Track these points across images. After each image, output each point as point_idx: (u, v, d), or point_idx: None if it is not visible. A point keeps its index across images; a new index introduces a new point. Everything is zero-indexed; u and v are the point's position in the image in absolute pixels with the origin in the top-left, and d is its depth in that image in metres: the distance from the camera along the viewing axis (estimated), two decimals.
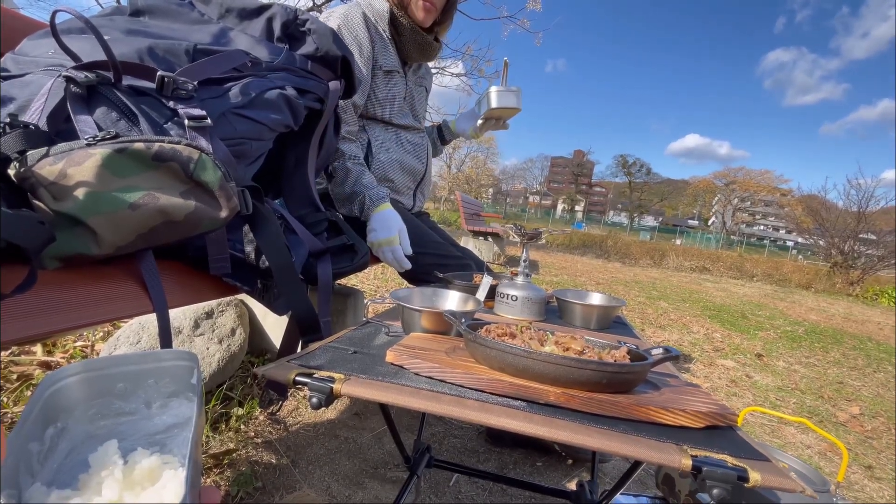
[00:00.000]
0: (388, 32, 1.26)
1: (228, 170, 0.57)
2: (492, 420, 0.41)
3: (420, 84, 1.43)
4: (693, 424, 0.45)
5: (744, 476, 0.37)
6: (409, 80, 1.35)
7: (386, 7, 1.24)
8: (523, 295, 0.90)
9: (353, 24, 1.18)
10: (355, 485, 1.01)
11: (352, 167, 1.15)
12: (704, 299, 4.99)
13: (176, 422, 0.42)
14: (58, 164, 0.47)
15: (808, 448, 1.52)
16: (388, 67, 1.25)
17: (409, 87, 1.36)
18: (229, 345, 1.29)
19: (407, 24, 1.24)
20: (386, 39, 1.25)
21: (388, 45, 1.25)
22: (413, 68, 1.38)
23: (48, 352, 1.26)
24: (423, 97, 1.47)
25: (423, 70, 1.45)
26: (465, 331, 0.54)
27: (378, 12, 1.24)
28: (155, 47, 0.65)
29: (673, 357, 0.51)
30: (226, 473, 0.97)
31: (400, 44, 1.28)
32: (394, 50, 1.27)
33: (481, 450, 1.22)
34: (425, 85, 1.46)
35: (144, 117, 0.56)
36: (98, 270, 0.54)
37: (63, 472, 0.35)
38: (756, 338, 3.21)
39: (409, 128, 1.35)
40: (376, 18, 1.24)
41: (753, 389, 2.06)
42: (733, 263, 10.80)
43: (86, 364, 0.41)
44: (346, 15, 1.19)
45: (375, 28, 1.23)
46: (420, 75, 1.43)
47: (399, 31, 1.26)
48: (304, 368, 0.48)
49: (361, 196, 1.13)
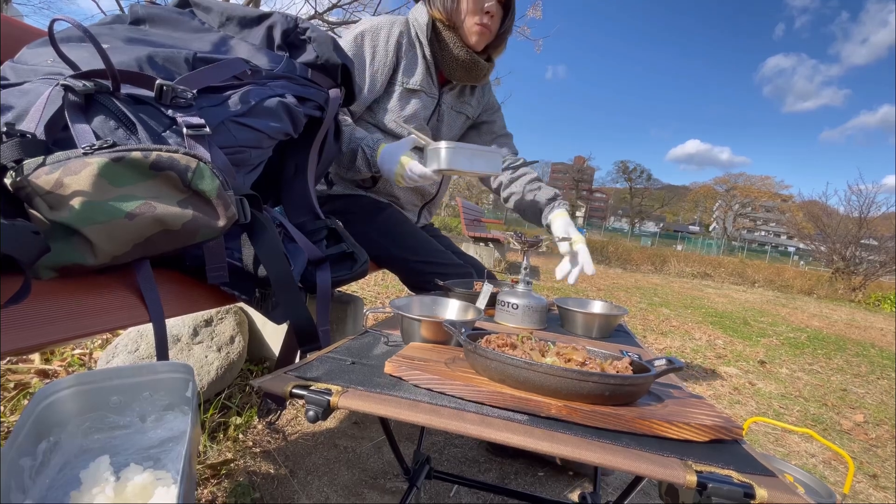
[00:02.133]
0: (428, 49, 1.21)
1: (227, 178, 0.56)
2: (492, 434, 0.40)
3: (459, 110, 1.35)
4: (697, 438, 0.44)
5: (750, 492, 0.36)
6: (443, 101, 1.29)
7: (426, 21, 1.19)
8: (524, 303, 0.90)
9: (377, 34, 1.16)
10: (354, 496, 0.99)
11: (343, 129, 1.10)
12: (706, 305, 4.97)
13: (171, 435, 0.41)
14: (54, 174, 0.47)
15: (813, 457, 1.50)
16: (412, 86, 1.21)
17: (442, 109, 1.30)
18: (228, 353, 1.28)
19: (453, 42, 1.19)
20: (419, 56, 1.21)
21: (418, 63, 1.21)
22: (456, 91, 1.31)
23: (46, 360, 1.25)
24: (458, 123, 1.38)
25: (471, 96, 1.36)
26: (465, 341, 0.53)
27: (420, 25, 1.20)
28: (154, 56, 0.65)
29: (676, 368, 0.50)
30: (223, 484, 0.95)
31: (442, 60, 1.22)
32: (425, 68, 1.22)
33: (482, 460, 1.20)
34: (466, 112, 1.37)
35: (143, 126, 0.56)
36: (94, 280, 0.54)
37: (55, 488, 0.34)
38: (759, 344, 3.19)
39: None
40: (417, 32, 1.20)
41: (757, 397, 2.05)
42: (735, 269, 10.78)
43: (79, 377, 0.41)
44: (378, 26, 1.16)
45: (411, 44, 1.19)
46: (464, 100, 1.35)
47: (442, 48, 1.20)
48: (301, 380, 0.47)
49: (359, 150, 1.10)
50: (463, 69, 1.23)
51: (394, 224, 1.25)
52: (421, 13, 1.22)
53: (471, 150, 1.07)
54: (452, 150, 1.03)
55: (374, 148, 1.10)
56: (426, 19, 1.20)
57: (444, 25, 1.19)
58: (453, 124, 1.37)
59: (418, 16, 1.21)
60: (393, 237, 1.22)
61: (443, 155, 1.03)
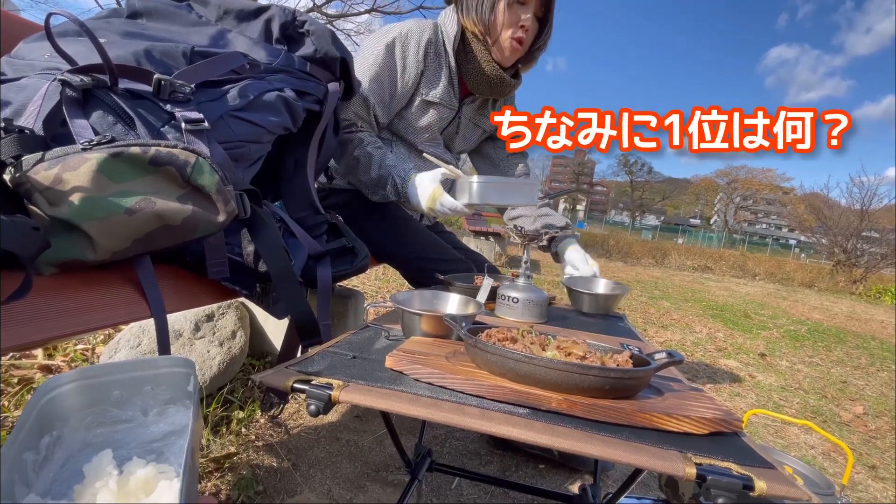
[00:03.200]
0: (453, 60, 1.17)
1: (226, 173, 0.56)
2: (493, 428, 0.40)
3: (477, 123, 1.32)
4: (697, 431, 0.44)
5: (749, 485, 0.36)
6: (462, 113, 1.26)
7: (455, 32, 1.15)
8: (524, 297, 0.90)
9: (407, 43, 1.12)
10: (356, 488, 1.00)
11: (373, 152, 1.09)
12: (707, 298, 4.98)
13: (173, 429, 0.41)
14: (53, 169, 0.47)
15: (812, 448, 1.51)
16: (431, 98, 1.17)
17: (460, 120, 1.26)
18: (230, 347, 1.28)
19: (481, 55, 1.15)
20: (443, 67, 1.17)
21: (440, 75, 1.17)
22: (477, 104, 1.28)
23: (49, 355, 1.26)
24: (475, 136, 1.35)
25: (492, 110, 1.32)
26: (466, 335, 0.53)
27: (448, 36, 1.16)
28: (152, 50, 0.65)
29: (676, 362, 0.50)
30: (226, 477, 0.96)
31: (466, 73, 1.19)
32: (447, 81, 1.18)
33: (483, 452, 1.21)
34: (484, 126, 1.34)
35: (141, 121, 0.56)
36: (95, 276, 0.54)
37: (59, 482, 0.34)
38: (759, 337, 3.20)
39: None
40: (445, 41, 1.16)
41: (756, 389, 2.05)
42: (736, 262, 10.77)
43: (81, 372, 0.41)
44: (408, 34, 1.12)
45: (437, 53, 1.16)
46: (483, 113, 1.31)
47: (468, 60, 1.17)
48: (302, 375, 0.47)
49: (390, 178, 1.08)
50: (487, 84, 1.19)
51: (394, 218, 1.24)
52: (451, 21, 1.16)
53: (503, 184, 1.04)
54: (484, 184, 1.00)
55: (405, 178, 1.08)
56: (456, 29, 1.15)
57: (475, 38, 1.15)
58: (469, 136, 1.34)
59: (448, 24, 1.17)
60: (393, 232, 1.22)
61: (475, 189, 1.00)
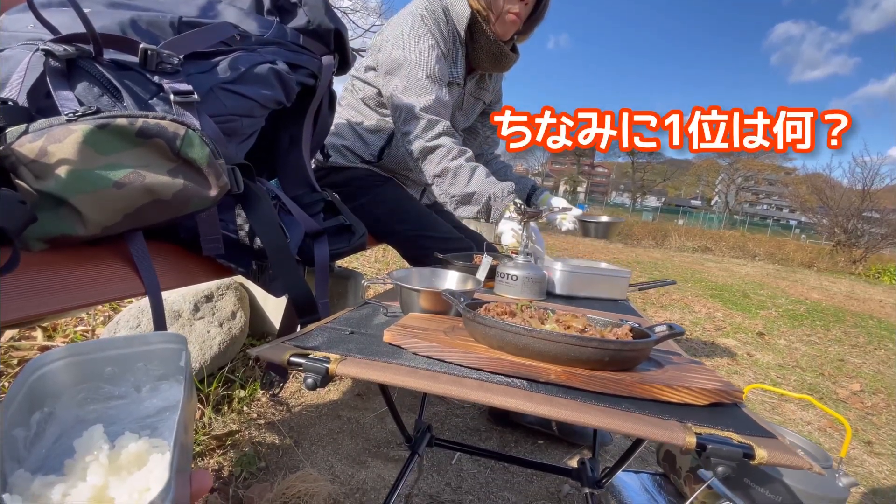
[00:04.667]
0: (464, 39, 1.19)
1: (217, 147, 0.55)
2: (491, 399, 0.40)
3: (477, 96, 1.35)
4: (697, 402, 0.44)
5: (749, 453, 0.36)
6: (466, 89, 1.28)
7: (468, 13, 1.16)
8: (523, 275, 0.89)
9: (436, 16, 1.13)
10: (358, 464, 1.01)
11: (465, 163, 1.08)
12: (706, 279, 4.99)
13: (167, 405, 0.41)
14: (38, 142, 0.45)
15: (809, 424, 1.53)
16: (452, 79, 1.19)
17: (465, 97, 1.29)
18: (230, 328, 1.28)
19: (487, 31, 1.17)
20: (459, 47, 1.19)
21: (458, 54, 1.19)
22: (476, 79, 1.31)
23: (48, 336, 1.26)
24: (476, 110, 1.39)
25: (489, 82, 1.36)
26: (464, 310, 0.52)
27: (458, 16, 1.17)
28: (138, 20, 0.62)
29: (677, 333, 0.49)
30: (229, 454, 0.97)
31: (472, 51, 1.22)
32: (463, 59, 1.21)
33: (483, 429, 1.22)
34: (483, 98, 1.38)
35: (128, 92, 0.54)
36: (86, 252, 0.53)
37: (51, 458, 0.34)
38: (757, 317, 3.21)
39: None
40: (456, 22, 1.17)
41: (754, 367, 2.07)
42: (736, 243, 10.76)
43: (71, 348, 0.40)
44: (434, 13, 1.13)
45: (454, 33, 1.17)
46: (482, 87, 1.35)
47: (475, 39, 1.19)
48: (300, 349, 0.47)
49: (481, 199, 1.07)
50: (492, 60, 1.22)
51: (393, 197, 1.23)
52: (461, 5, 1.17)
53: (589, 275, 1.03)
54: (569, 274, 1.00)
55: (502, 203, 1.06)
56: (468, 12, 1.16)
57: (479, 15, 1.16)
58: (471, 111, 1.37)
59: (458, 7, 1.17)
60: (392, 210, 1.21)
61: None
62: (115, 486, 0.29)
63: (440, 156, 1.08)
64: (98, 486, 0.29)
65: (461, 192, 1.08)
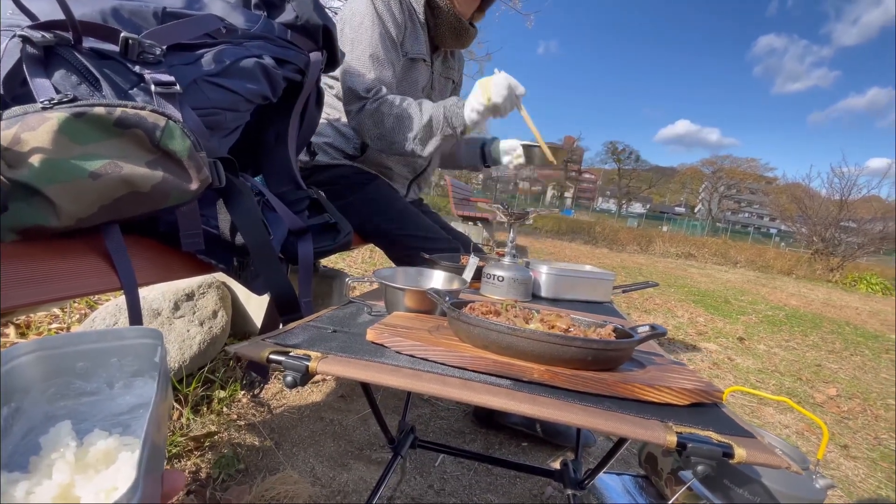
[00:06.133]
0: (424, 16, 1.20)
1: (199, 139, 0.54)
2: (474, 398, 0.40)
3: (446, 75, 1.37)
4: (678, 402, 0.44)
5: (729, 452, 0.36)
6: (434, 68, 1.30)
7: None
8: (509, 276, 0.89)
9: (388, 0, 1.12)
10: (340, 466, 1.00)
11: (411, 103, 1.07)
12: (689, 285, 5.06)
13: (140, 402, 0.40)
14: (11, 129, 0.44)
15: (787, 428, 1.56)
16: (414, 55, 1.19)
17: (434, 76, 1.30)
18: (211, 327, 1.26)
19: (446, 8, 1.18)
20: (419, 25, 1.19)
21: (419, 32, 1.20)
22: (442, 57, 1.32)
23: (21, 334, 1.22)
24: (447, 89, 1.40)
25: (453, 60, 1.38)
26: (449, 308, 0.52)
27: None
28: (120, 8, 0.61)
29: (659, 334, 0.50)
30: (207, 456, 0.95)
31: (434, 29, 1.22)
32: (425, 37, 1.22)
33: (467, 430, 1.22)
34: (452, 77, 1.39)
35: (107, 82, 0.53)
36: (61, 244, 0.51)
37: (18, 455, 0.33)
38: (738, 322, 3.27)
39: None
40: (412, 1, 1.18)
41: (735, 371, 2.10)
42: (718, 250, 10.97)
43: (41, 342, 0.39)
44: None
45: (411, 11, 1.17)
46: (449, 66, 1.37)
47: (435, 16, 1.20)
48: (280, 346, 0.46)
49: (439, 117, 1.05)
50: (454, 35, 1.23)
51: (380, 196, 1.22)
52: None
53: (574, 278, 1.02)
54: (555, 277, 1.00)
55: (456, 111, 1.05)
56: None
57: None
58: (444, 91, 1.38)
59: None
60: (379, 209, 1.20)
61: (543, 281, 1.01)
62: (82, 485, 0.28)
63: (388, 108, 1.07)
64: (64, 485, 0.28)
65: (420, 127, 1.07)
